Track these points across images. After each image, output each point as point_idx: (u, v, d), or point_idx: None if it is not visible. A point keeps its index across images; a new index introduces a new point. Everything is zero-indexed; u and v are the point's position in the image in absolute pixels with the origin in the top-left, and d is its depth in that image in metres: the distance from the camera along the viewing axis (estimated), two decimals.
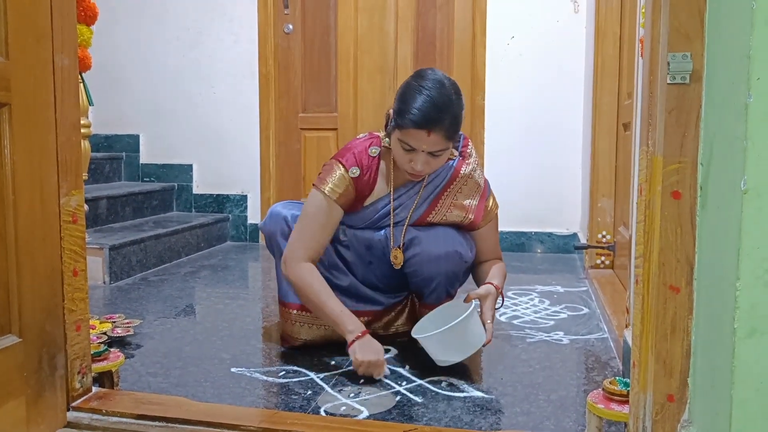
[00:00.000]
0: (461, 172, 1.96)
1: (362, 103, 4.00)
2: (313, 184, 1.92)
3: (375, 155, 1.94)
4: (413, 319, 2.04)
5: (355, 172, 1.90)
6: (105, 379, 1.61)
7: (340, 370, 1.84)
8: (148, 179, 4.29)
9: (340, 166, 1.90)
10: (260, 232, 1.83)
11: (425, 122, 1.73)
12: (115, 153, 4.28)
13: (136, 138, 4.31)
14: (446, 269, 1.92)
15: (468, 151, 2.01)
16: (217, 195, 4.24)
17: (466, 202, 1.97)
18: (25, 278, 1.30)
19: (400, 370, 1.84)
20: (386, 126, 1.92)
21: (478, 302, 1.88)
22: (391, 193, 1.95)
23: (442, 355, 1.79)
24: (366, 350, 1.76)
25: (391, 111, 1.85)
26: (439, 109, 1.74)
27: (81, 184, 1.47)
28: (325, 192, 1.87)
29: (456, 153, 1.99)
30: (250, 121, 4.14)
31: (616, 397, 1.30)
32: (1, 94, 1.24)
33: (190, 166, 4.26)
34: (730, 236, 0.92)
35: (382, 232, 1.98)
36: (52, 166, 1.38)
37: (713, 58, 1.04)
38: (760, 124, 0.86)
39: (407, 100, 1.77)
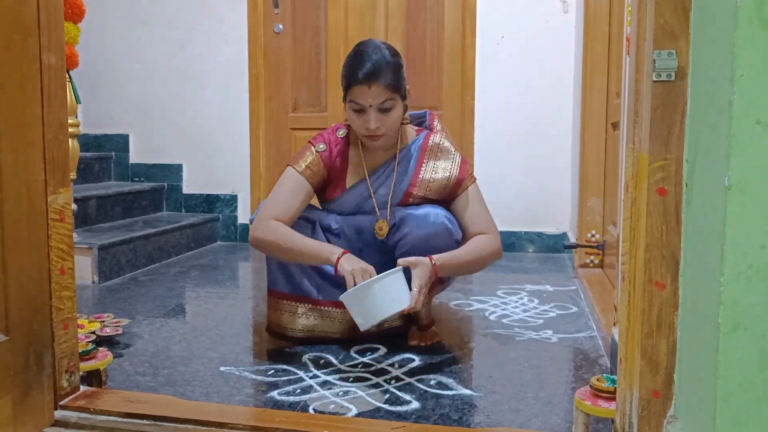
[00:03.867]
0: (430, 141, 2.07)
1: None
2: (290, 164, 2.06)
3: (342, 136, 2.08)
4: (406, 314, 2.04)
5: (322, 147, 2.04)
6: (93, 378, 1.60)
7: (329, 369, 1.84)
8: (137, 179, 4.28)
9: (311, 146, 2.06)
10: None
11: (363, 77, 1.88)
12: (105, 153, 4.26)
13: (125, 138, 4.29)
14: (437, 246, 1.92)
15: (435, 125, 2.14)
16: (207, 195, 4.23)
17: (445, 163, 2.04)
18: (11, 276, 1.29)
19: (390, 368, 1.85)
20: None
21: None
22: (366, 175, 2.05)
23: (361, 315, 1.76)
24: (353, 261, 1.83)
25: None
26: (372, 62, 1.89)
27: (69, 182, 1.47)
28: (295, 168, 2.02)
29: (423, 129, 2.13)
30: (240, 121, 4.13)
31: (603, 394, 1.31)
32: None
33: (180, 165, 4.24)
34: (714, 232, 0.92)
35: (372, 217, 2.04)
36: (39, 163, 1.38)
37: (698, 56, 1.04)
38: (743, 121, 0.87)
39: (345, 65, 1.95)
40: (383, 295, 1.74)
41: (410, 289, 1.79)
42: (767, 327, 0.89)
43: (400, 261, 1.84)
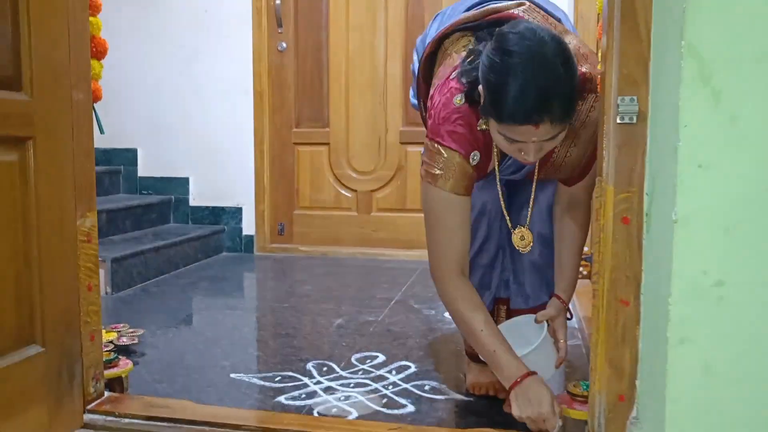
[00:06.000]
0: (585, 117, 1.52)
1: (354, 119, 4.14)
2: (428, 181, 1.53)
3: (482, 129, 1.48)
4: None
5: (476, 157, 1.52)
6: (115, 384, 1.74)
7: (332, 375, 1.98)
8: (146, 192, 4.41)
9: (456, 155, 1.49)
10: None
11: (528, 117, 1.30)
12: (114, 166, 4.40)
13: (134, 152, 4.43)
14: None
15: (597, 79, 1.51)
16: (213, 207, 4.36)
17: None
18: (47, 293, 1.44)
19: (387, 374, 1.99)
20: (462, 74, 1.49)
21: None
22: (496, 163, 1.58)
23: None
24: (523, 402, 1.45)
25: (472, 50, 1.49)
26: (543, 95, 1.29)
27: (94, 206, 1.62)
28: (447, 189, 1.51)
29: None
30: (244, 136, 4.26)
31: (578, 398, 1.46)
32: (27, 129, 1.38)
33: (187, 179, 4.38)
34: (665, 258, 1.07)
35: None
36: (70, 191, 1.52)
37: (656, 103, 1.19)
38: (687, 164, 1.01)
39: (498, 87, 1.32)
40: (539, 360, 1.56)
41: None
42: (710, 342, 1.04)
43: (540, 317, 1.64)
